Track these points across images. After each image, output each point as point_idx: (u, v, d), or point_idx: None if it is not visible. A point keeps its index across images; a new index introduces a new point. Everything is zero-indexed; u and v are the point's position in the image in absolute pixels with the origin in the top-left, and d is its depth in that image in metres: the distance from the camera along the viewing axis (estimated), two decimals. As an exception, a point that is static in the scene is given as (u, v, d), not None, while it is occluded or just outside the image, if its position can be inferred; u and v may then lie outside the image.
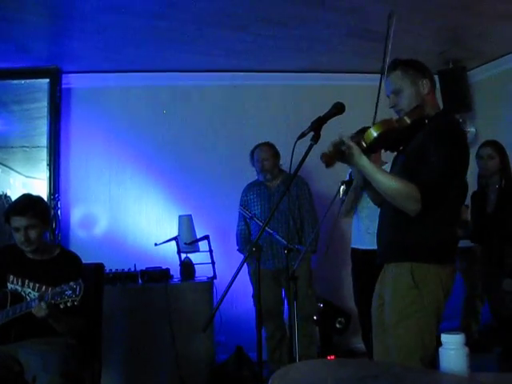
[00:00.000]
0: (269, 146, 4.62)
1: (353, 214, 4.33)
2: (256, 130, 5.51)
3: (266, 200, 4.55)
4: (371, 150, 2.43)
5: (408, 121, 2.38)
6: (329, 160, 2.28)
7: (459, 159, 2.27)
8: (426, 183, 2.20)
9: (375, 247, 2.58)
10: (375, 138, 2.31)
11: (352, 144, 2.27)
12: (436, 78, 5.33)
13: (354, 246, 4.41)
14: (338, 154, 2.28)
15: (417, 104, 2.42)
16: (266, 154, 4.56)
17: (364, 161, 2.29)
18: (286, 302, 4.54)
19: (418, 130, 2.38)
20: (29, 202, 3.18)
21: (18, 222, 3.07)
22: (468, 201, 4.39)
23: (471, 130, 5.69)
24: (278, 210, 4.40)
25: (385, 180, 2.28)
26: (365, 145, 2.33)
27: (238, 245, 4.69)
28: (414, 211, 2.22)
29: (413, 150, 2.37)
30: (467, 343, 1.50)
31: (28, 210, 3.08)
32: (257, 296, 4.38)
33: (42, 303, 2.75)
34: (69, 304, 2.76)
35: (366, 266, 3.81)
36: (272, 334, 4.51)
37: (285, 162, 4.61)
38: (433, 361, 2.19)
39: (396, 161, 2.58)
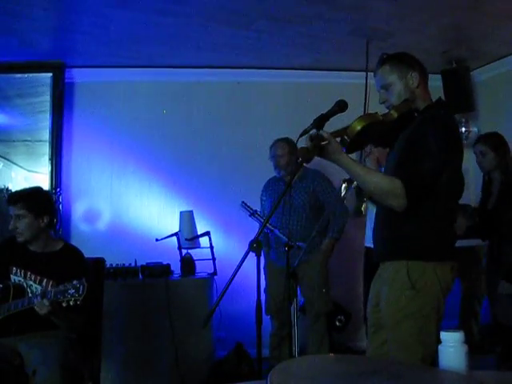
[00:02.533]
0: (286, 142, 4.53)
1: (364, 212, 4.33)
2: (259, 126, 5.51)
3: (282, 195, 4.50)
4: (356, 145, 2.39)
5: (395, 115, 2.35)
6: (307, 154, 2.20)
7: (447, 152, 2.21)
8: (411, 178, 2.16)
9: None
10: (358, 132, 2.24)
11: (332, 140, 2.21)
12: (439, 77, 5.41)
13: (368, 245, 4.38)
14: (316, 148, 2.20)
15: (406, 98, 2.39)
16: (281, 151, 4.52)
17: (343, 158, 2.23)
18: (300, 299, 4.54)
19: (407, 124, 2.35)
20: (24, 192, 3.22)
21: (11, 210, 3.13)
22: (469, 200, 4.41)
23: (474, 129, 5.68)
24: (293, 206, 4.41)
25: (366, 177, 2.25)
26: (348, 139, 2.27)
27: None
28: (400, 207, 2.17)
29: (401, 144, 2.34)
30: (468, 344, 1.49)
31: (19, 201, 3.11)
32: (266, 290, 4.42)
33: (45, 300, 2.75)
34: (71, 303, 2.75)
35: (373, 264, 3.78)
36: (276, 331, 4.49)
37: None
38: (435, 360, 2.17)
39: (389, 157, 2.54)
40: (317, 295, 4.38)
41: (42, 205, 3.24)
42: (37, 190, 3.31)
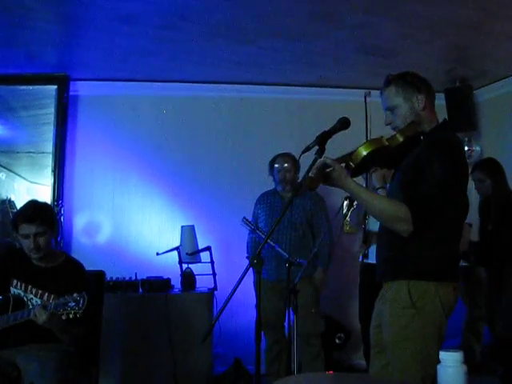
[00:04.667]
0: (291, 157, 4.51)
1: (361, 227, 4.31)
2: (261, 142, 5.51)
3: (278, 211, 4.46)
4: (362, 169, 2.40)
5: (401, 138, 2.33)
6: (312, 183, 2.22)
7: (453, 176, 2.20)
8: (417, 202, 2.15)
9: None
10: (364, 158, 2.25)
11: (337, 166, 2.22)
12: (442, 96, 5.42)
13: (365, 261, 4.37)
14: (322, 176, 2.23)
15: (412, 120, 2.37)
16: (288, 165, 4.49)
17: (349, 183, 2.24)
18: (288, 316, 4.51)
19: (413, 147, 2.34)
20: (37, 209, 3.18)
21: (27, 229, 3.06)
22: (471, 220, 4.39)
23: (476, 148, 5.69)
24: (289, 222, 4.36)
25: (372, 202, 2.25)
26: (353, 165, 2.28)
27: (247, 252, 4.66)
28: (406, 232, 2.17)
29: (407, 166, 2.33)
30: (469, 365, 1.48)
31: (37, 218, 3.08)
32: (257, 307, 4.39)
33: (44, 311, 2.75)
34: (71, 316, 2.75)
35: (375, 281, 3.75)
36: (270, 347, 4.46)
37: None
38: (434, 381, 2.15)
39: (393, 178, 2.53)
40: (306, 317, 4.35)
41: (54, 218, 3.29)
42: (45, 205, 3.33)
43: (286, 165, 4.49)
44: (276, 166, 4.53)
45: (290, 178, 4.48)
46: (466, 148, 5.69)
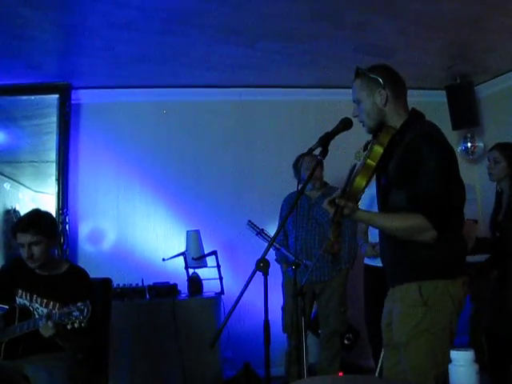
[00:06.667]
0: (315, 156, 4.50)
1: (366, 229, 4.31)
2: (264, 144, 5.51)
3: (306, 210, 4.45)
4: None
5: (381, 150, 2.27)
6: (333, 245, 2.31)
7: (450, 169, 2.22)
8: (430, 208, 2.14)
9: None
10: (364, 187, 2.28)
11: (343, 202, 2.21)
12: (443, 93, 5.41)
13: (367, 263, 4.36)
14: (338, 225, 2.28)
15: (378, 116, 2.35)
16: (314, 162, 4.43)
17: (361, 215, 2.28)
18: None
19: (393, 148, 2.30)
20: (33, 218, 3.16)
21: (23, 238, 3.06)
22: (477, 216, 4.37)
23: (479, 144, 5.67)
24: (318, 221, 4.39)
25: (389, 225, 2.26)
26: (356, 198, 2.28)
27: (276, 255, 4.64)
28: (432, 239, 2.16)
29: (395, 168, 2.30)
30: (479, 363, 1.47)
31: (31, 227, 3.06)
32: (283, 308, 4.38)
33: (49, 322, 2.74)
34: (76, 325, 2.74)
35: (379, 283, 3.73)
36: (291, 350, 4.37)
37: (293, 177, 4.59)
38: (447, 379, 2.14)
39: (378, 181, 2.47)
40: (333, 314, 4.36)
41: (52, 227, 3.25)
42: (44, 214, 3.28)
43: (311, 164, 4.46)
44: (303, 165, 4.48)
45: (318, 174, 4.46)
46: (469, 144, 5.68)
